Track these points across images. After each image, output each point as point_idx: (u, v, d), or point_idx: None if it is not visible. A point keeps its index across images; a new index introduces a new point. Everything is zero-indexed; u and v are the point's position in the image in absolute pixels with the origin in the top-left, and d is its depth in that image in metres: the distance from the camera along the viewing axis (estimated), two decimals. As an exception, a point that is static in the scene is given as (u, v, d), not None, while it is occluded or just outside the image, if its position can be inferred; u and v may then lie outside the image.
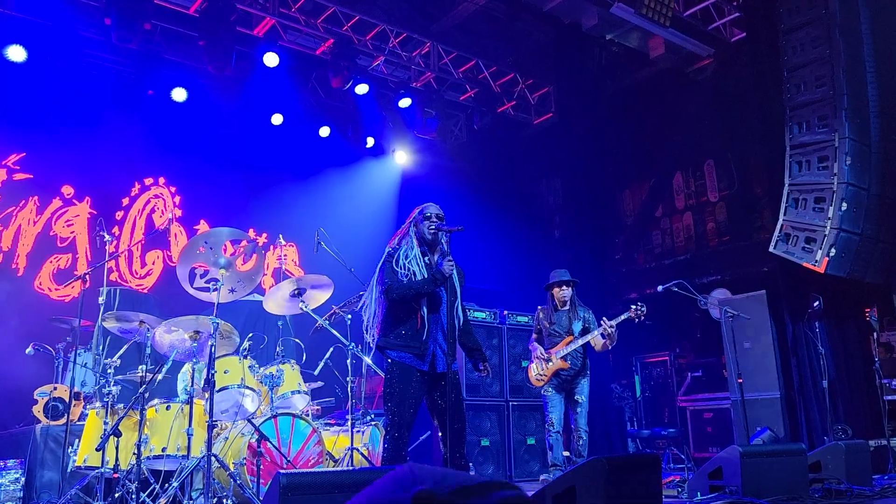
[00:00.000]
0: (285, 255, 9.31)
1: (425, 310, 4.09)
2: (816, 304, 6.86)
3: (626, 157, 9.96)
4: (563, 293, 6.05)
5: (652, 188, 10.24)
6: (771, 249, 6.92)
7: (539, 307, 6.27)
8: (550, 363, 5.90)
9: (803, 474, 4.88)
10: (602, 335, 5.79)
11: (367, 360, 5.78)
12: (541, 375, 5.94)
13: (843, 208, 6.48)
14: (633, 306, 5.84)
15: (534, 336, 6.24)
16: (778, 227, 6.88)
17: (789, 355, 7.18)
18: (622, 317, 5.83)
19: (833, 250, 6.45)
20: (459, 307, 4.24)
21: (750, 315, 6.88)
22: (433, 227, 4.20)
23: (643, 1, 7.35)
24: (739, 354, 6.70)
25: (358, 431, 5.57)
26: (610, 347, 5.89)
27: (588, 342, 5.94)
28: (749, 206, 8.91)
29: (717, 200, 9.36)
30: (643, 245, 10.21)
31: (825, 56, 6.71)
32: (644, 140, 9.76)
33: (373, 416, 6.08)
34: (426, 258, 4.20)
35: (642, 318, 5.85)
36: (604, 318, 5.79)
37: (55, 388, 6.04)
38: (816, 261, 6.51)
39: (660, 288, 6.15)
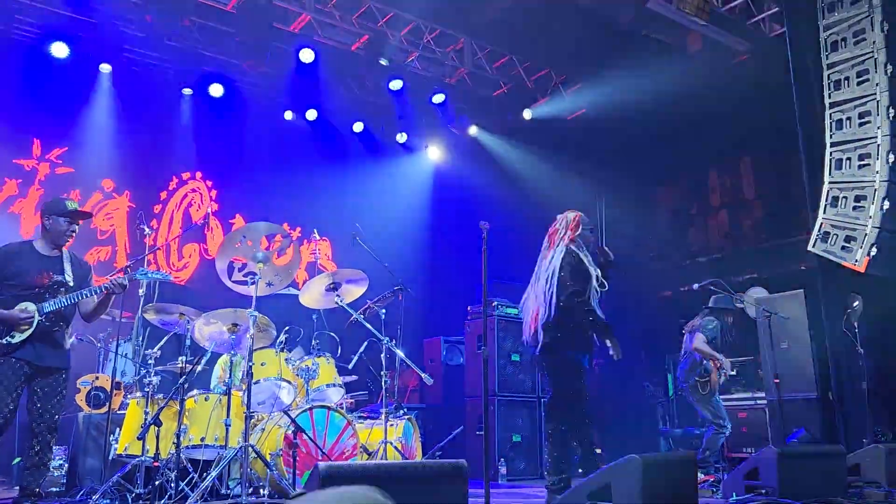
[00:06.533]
0: (318, 250, 9.40)
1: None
2: (856, 303, 6.72)
3: (660, 154, 9.84)
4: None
5: (687, 185, 10.11)
6: (810, 248, 6.79)
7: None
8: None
9: (842, 477, 4.80)
10: None
11: (401, 354, 5.81)
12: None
13: (885, 207, 6.34)
14: None
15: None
16: (817, 225, 6.75)
17: (827, 356, 7.06)
18: None
19: (874, 249, 6.31)
20: None
21: (787, 314, 6.79)
22: (595, 246, 4.75)
23: (680, -4, 7.25)
24: (776, 354, 6.61)
25: (391, 425, 5.62)
26: None
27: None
28: (787, 204, 8.75)
29: (753, 198, 9.22)
30: (677, 242, 10.10)
31: (867, 51, 6.57)
32: (679, 136, 9.63)
33: (405, 409, 6.12)
34: None
35: None
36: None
37: (97, 378, 6.19)
38: (857, 260, 6.38)
39: (696, 286, 6.10)
